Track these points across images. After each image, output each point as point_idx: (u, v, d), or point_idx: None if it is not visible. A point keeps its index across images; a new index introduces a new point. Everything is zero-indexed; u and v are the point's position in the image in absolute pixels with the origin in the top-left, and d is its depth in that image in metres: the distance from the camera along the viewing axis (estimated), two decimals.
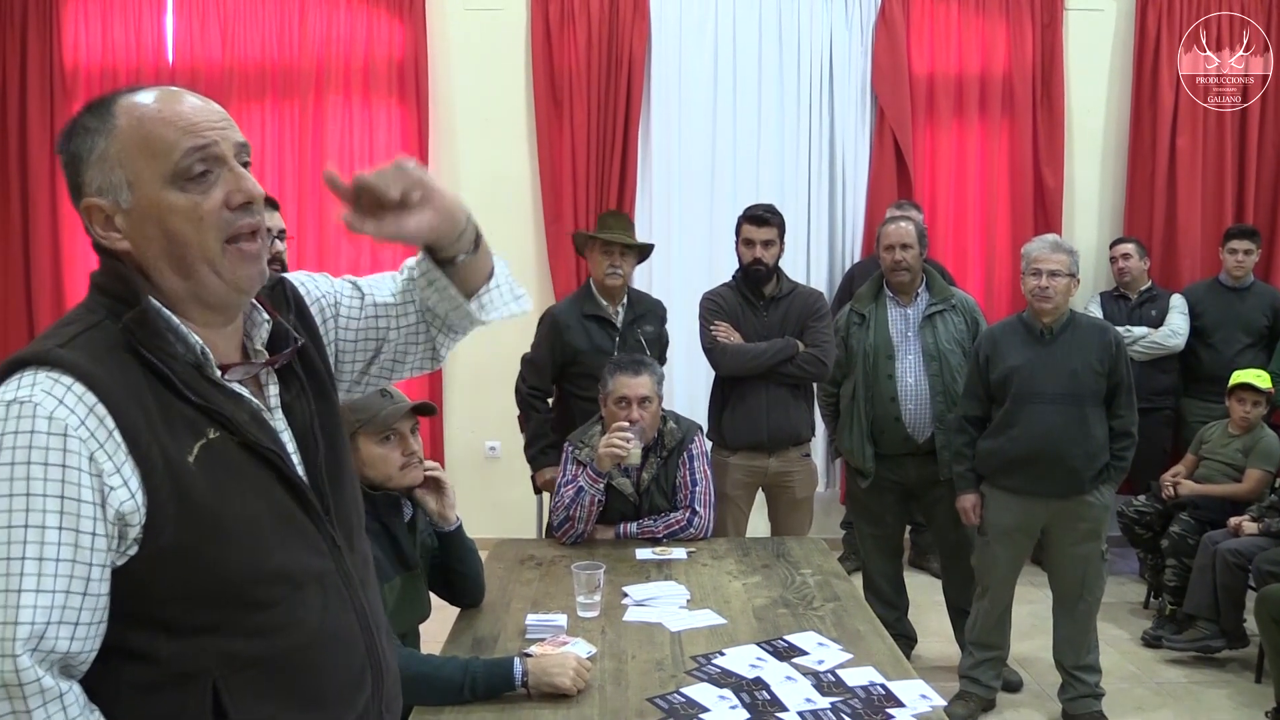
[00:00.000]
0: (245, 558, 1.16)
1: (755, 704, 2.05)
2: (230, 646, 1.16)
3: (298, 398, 1.30)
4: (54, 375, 1.09)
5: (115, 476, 1.08)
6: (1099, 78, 5.55)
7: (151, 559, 1.11)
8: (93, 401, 1.08)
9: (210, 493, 1.13)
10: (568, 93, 5.30)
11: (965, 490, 3.57)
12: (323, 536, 1.26)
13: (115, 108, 1.18)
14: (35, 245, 5.41)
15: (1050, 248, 3.43)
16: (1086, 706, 3.52)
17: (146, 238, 1.18)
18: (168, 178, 1.16)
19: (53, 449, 1.06)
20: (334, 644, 1.25)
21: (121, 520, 1.09)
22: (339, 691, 1.25)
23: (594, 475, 3.10)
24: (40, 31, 5.36)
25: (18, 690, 1.04)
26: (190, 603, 1.14)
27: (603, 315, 3.78)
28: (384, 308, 1.46)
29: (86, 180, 1.18)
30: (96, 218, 1.18)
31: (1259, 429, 4.37)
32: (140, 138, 1.16)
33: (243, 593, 1.16)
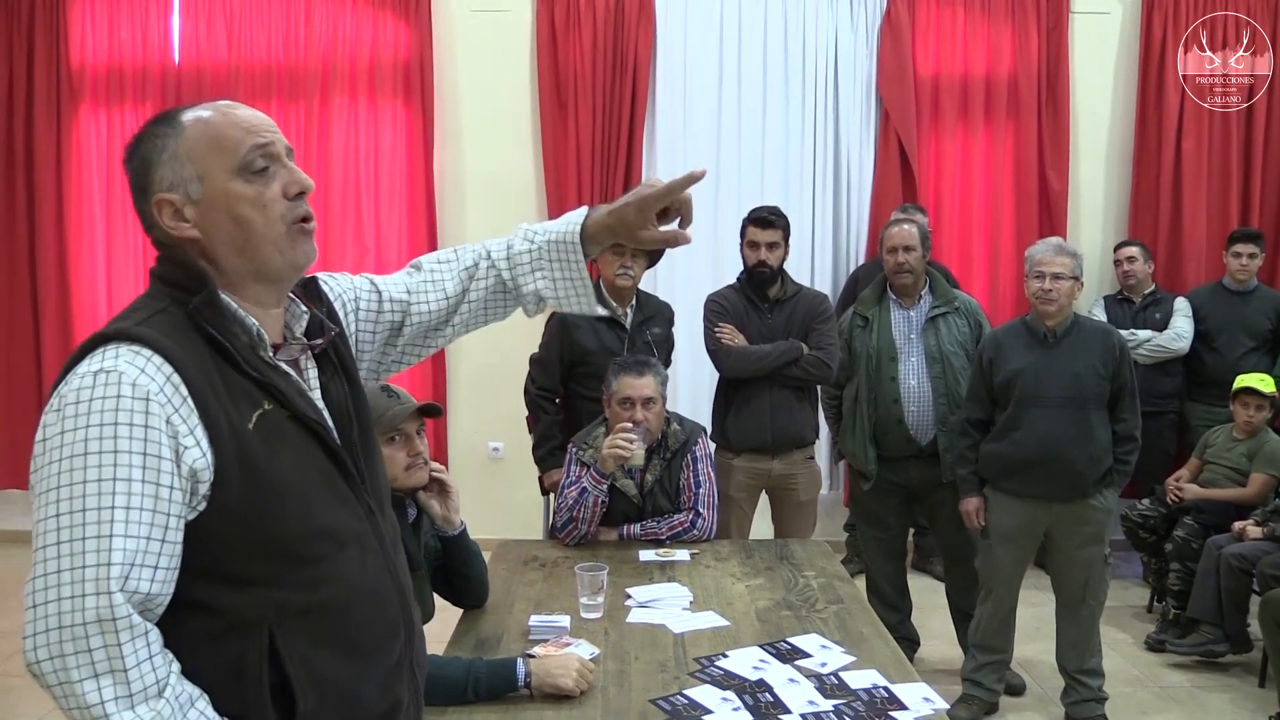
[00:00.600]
0: (296, 516, 1.30)
1: (758, 706, 2.06)
2: (283, 598, 1.28)
3: (333, 380, 1.45)
4: (135, 349, 1.23)
5: (189, 437, 1.22)
6: (1104, 81, 5.54)
7: (217, 515, 1.24)
8: (169, 371, 1.22)
9: (267, 456, 1.27)
10: (573, 94, 5.31)
11: (968, 493, 3.57)
12: (359, 502, 1.39)
13: (182, 116, 1.34)
14: (40, 243, 5.43)
15: (1054, 251, 3.43)
16: (1089, 710, 3.51)
17: (215, 224, 1.32)
18: (234, 170, 1.32)
19: (136, 412, 1.19)
20: (372, 599, 1.38)
21: (194, 477, 1.22)
22: (376, 642, 1.38)
23: (597, 476, 3.11)
24: (47, 31, 5.39)
25: (110, 625, 1.15)
26: (249, 557, 1.26)
27: (612, 317, 3.78)
28: (398, 301, 1.62)
29: (156, 179, 1.32)
30: (166, 211, 1.32)
31: (1263, 433, 4.36)
32: (209, 137, 1.32)
33: (294, 548, 1.29)
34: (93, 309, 5.50)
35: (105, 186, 5.50)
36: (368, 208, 5.41)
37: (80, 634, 1.16)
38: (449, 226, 5.49)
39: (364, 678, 1.36)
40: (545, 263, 1.58)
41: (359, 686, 1.35)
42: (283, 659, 1.27)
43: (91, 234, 5.50)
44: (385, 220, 5.44)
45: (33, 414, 5.47)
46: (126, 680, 1.17)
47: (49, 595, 1.16)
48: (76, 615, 1.15)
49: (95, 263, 5.51)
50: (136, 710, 1.17)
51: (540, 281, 1.59)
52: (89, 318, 5.50)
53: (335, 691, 1.32)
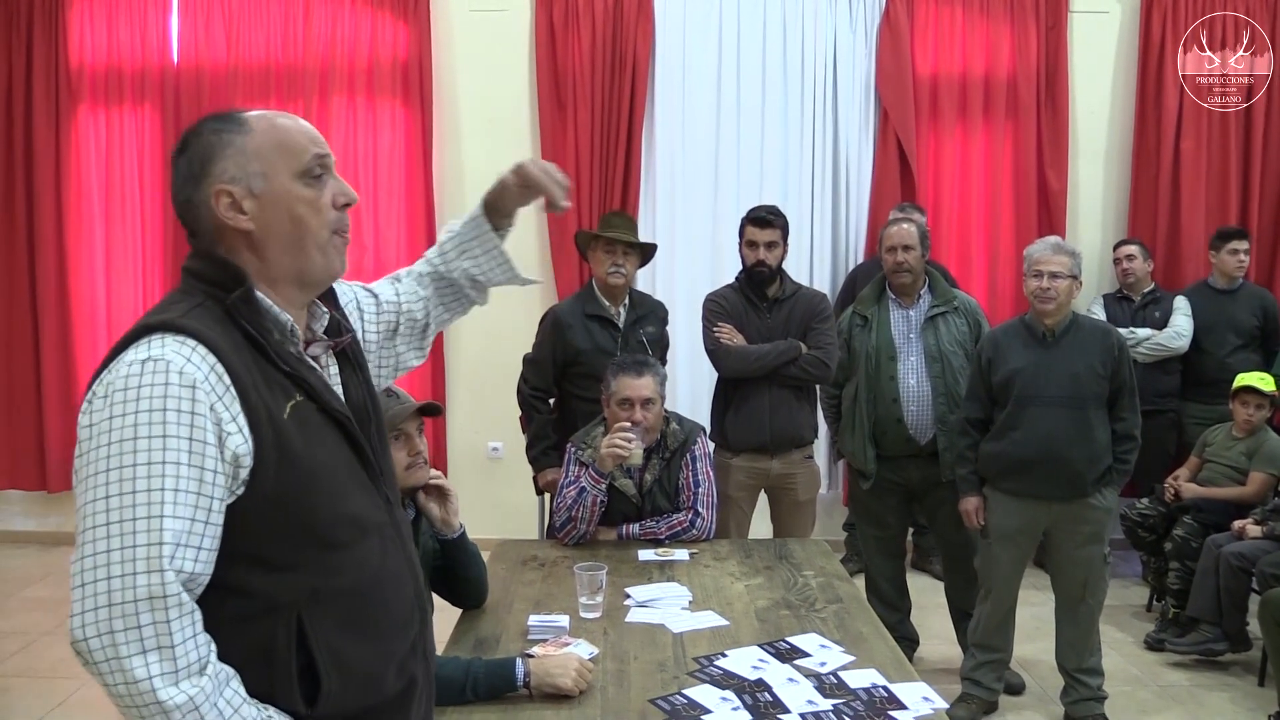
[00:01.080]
0: (327, 502, 1.36)
1: (757, 705, 2.06)
2: (312, 582, 1.34)
3: (351, 377, 1.54)
4: (180, 339, 1.29)
5: (231, 424, 1.28)
6: (1103, 80, 5.54)
7: (255, 499, 1.30)
8: (213, 361, 1.28)
9: (300, 444, 1.34)
10: (571, 94, 5.31)
11: (968, 493, 3.57)
12: (379, 493, 1.47)
13: (246, 116, 1.42)
14: (40, 243, 5.43)
15: (1052, 249, 3.43)
16: (1089, 709, 3.52)
17: (273, 220, 1.39)
18: (297, 174, 1.41)
19: (184, 399, 1.25)
20: (391, 584, 1.45)
21: (236, 461, 1.28)
22: (394, 626, 1.45)
23: (596, 476, 3.11)
24: (46, 31, 5.39)
25: (161, 602, 1.20)
26: (282, 541, 1.32)
27: (605, 315, 3.78)
28: (391, 304, 1.76)
29: (217, 170, 1.38)
30: (223, 200, 1.38)
31: (1263, 432, 4.36)
32: (276, 139, 1.41)
33: (323, 533, 1.36)
34: (92, 309, 5.50)
35: (104, 186, 5.50)
36: (366, 208, 5.41)
37: (130, 611, 1.20)
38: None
39: (383, 660, 1.42)
40: (465, 243, 1.78)
41: (378, 668, 1.41)
42: (310, 642, 1.32)
43: (90, 234, 5.50)
44: (384, 220, 5.44)
45: (32, 414, 5.48)
46: (173, 656, 1.21)
47: (98, 574, 1.20)
48: (128, 593, 1.20)
49: (94, 263, 5.51)
50: (180, 686, 1.22)
51: (467, 261, 1.78)
52: (88, 318, 5.50)
53: (356, 673, 1.38)
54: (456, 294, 1.82)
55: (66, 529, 5.68)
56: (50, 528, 5.69)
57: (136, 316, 4.37)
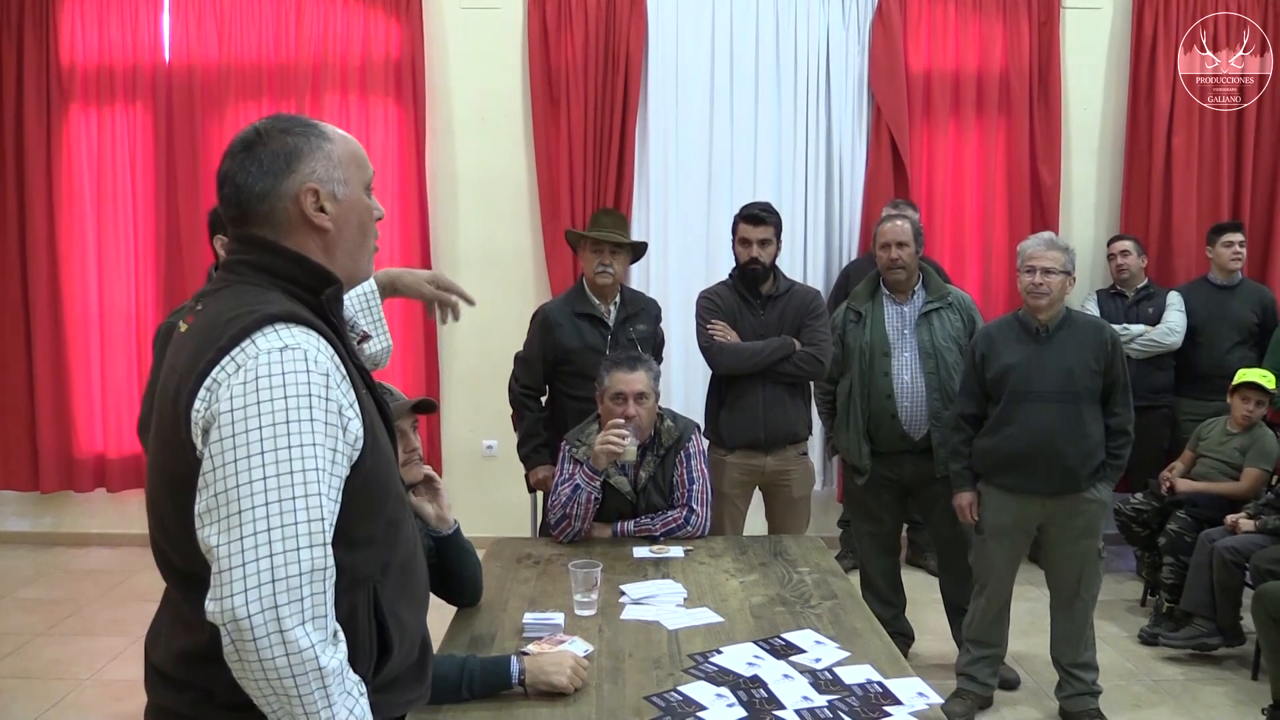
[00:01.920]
0: (392, 484, 1.51)
1: (752, 702, 2.06)
2: (381, 556, 1.48)
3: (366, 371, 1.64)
4: (304, 330, 1.39)
5: (350, 410, 1.40)
6: (1095, 76, 5.55)
7: (356, 481, 1.41)
8: (330, 352, 1.40)
9: (377, 429, 1.47)
10: (564, 91, 5.30)
11: (962, 488, 3.57)
12: (402, 482, 1.61)
13: (321, 128, 1.52)
14: (31, 242, 5.41)
15: (1045, 245, 3.44)
16: (1084, 704, 3.52)
17: (347, 225, 1.52)
18: (365, 186, 1.55)
19: (320, 384, 1.35)
20: (419, 559, 1.62)
21: (354, 444, 1.40)
22: (424, 596, 1.65)
23: (590, 473, 3.10)
24: (37, 30, 5.36)
25: (320, 575, 1.31)
26: (366, 519, 1.44)
27: (594, 314, 3.77)
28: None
29: (307, 170, 1.47)
30: (309, 198, 1.47)
31: (1257, 428, 4.37)
32: (351, 153, 1.53)
33: (388, 512, 1.49)
34: (84, 309, 5.48)
35: (96, 186, 5.48)
36: None
37: (295, 584, 1.28)
38: (441, 224, 5.48)
39: (420, 626, 1.61)
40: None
41: (417, 634, 1.58)
42: (383, 611, 1.46)
43: (82, 233, 5.48)
44: None
45: (24, 415, 5.46)
46: (326, 624, 1.31)
47: (260, 552, 1.27)
48: (291, 568, 1.28)
49: (86, 262, 5.49)
50: (330, 652, 1.32)
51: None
52: (80, 318, 5.48)
53: (408, 637, 1.54)
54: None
55: (60, 530, 5.67)
56: (44, 528, 5.68)
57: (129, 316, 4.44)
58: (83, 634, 4.39)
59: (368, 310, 1.98)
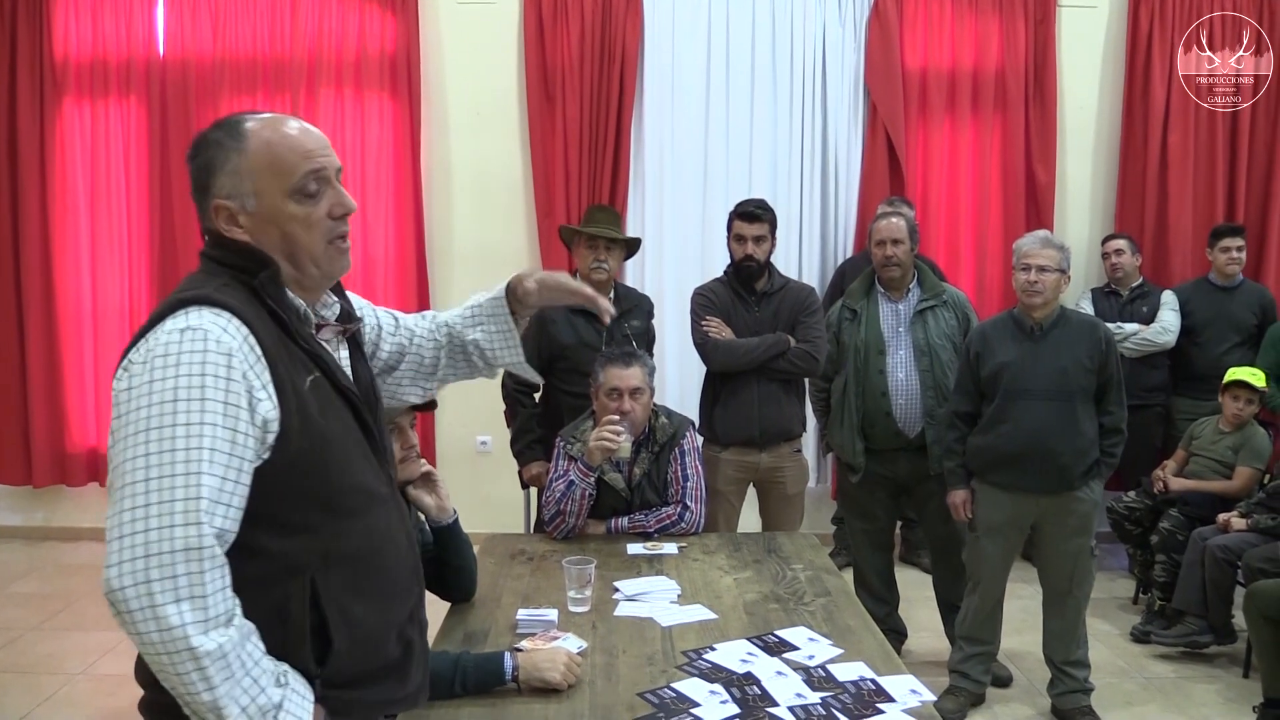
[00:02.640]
0: (341, 470, 1.48)
1: (746, 699, 2.06)
2: (325, 545, 1.45)
3: (360, 363, 1.67)
4: (216, 310, 1.39)
5: (262, 391, 1.38)
6: (1091, 74, 5.56)
7: (279, 463, 1.40)
8: (245, 332, 1.39)
9: (319, 416, 1.45)
10: (560, 87, 5.29)
11: (956, 486, 3.58)
12: (383, 471, 1.60)
13: (246, 130, 1.48)
14: (25, 236, 5.39)
15: (1040, 243, 3.44)
16: (1076, 701, 3.53)
17: (266, 235, 1.49)
18: (288, 192, 1.48)
19: (220, 365, 1.34)
20: (392, 554, 1.57)
21: (264, 426, 1.38)
22: (396, 593, 1.57)
23: (585, 469, 3.10)
24: (30, 23, 5.34)
25: (196, 554, 1.29)
26: (300, 505, 1.43)
27: (589, 310, 3.76)
28: (406, 330, 1.88)
29: (217, 185, 1.48)
30: (222, 214, 1.48)
31: (1249, 426, 4.38)
32: (269, 158, 1.47)
33: (337, 500, 1.47)
34: (77, 303, 5.47)
35: (89, 179, 5.46)
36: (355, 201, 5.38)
37: (168, 561, 1.27)
38: (436, 219, 5.47)
39: (386, 624, 1.54)
40: (480, 316, 1.89)
41: (381, 632, 1.53)
42: (322, 603, 1.43)
43: (76, 227, 5.46)
44: (372, 213, 5.41)
45: (17, 409, 5.45)
46: (205, 606, 1.29)
47: (136, 526, 1.28)
48: (165, 544, 1.27)
49: (79, 256, 5.47)
50: (210, 635, 1.29)
51: (479, 333, 1.88)
52: (74, 311, 5.46)
53: (363, 635, 1.49)
54: (466, 358, 1.92)
55: (52, 524, 5.66)
56: (36, 523, 5.67)
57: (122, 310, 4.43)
58: (75, 629, 4.38)
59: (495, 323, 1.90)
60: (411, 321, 1.90)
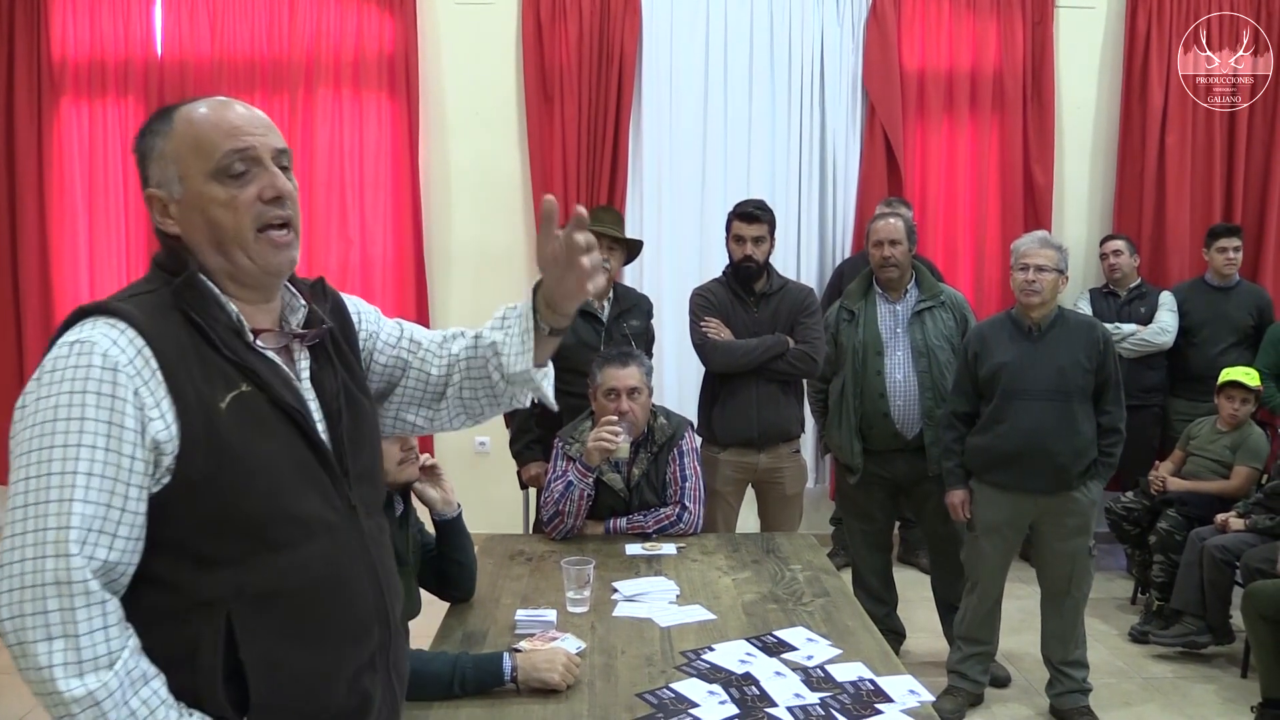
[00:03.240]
0: (263, 497, 1.31)
1: (744, 699, 2.06)
2: (244, 580, 1.29)
3: (326, 373, 1.47)
4: (110, 321, 1.28)
5: (155, 410, 1.25)
6: (1089, 75, 5.56)
7: (182, 488, 1.27)
8: (141, 345, 1.26)
9: (237, 435, 1.29)
10: (558, 88, 5.29)
11: (954, 486, 3.58)
12: (339, 494, 1.40)
13: (175, 114, 1.39)
14: (22, 237, 5.37)
15: (1038, 243, 3.45)
16: (1074, 701, 3.53)
17: (192, 224, 1.37)
18: (210, 173, 1.35)
19: (105, 381, 1.23)
20: (340, 592, 1.38)
21: (157, 449, 1.25)
22: (344, 636, 1.38)
23: (583, 470, 3.10)
24: (27, 24, 5.33)
25: (67, 588, 1.18)
26: (211, 534, 1.28)
27: (588, 310, 3.77)
28: (415, 344, 1.65)
29: (150, 175, 1.39)
30: (156, 206, 1.39)
31: (1246, 426, 4.39)
32: (191, 139, 1.36)
33: (258, 530, 1.31)
34: (75, 303, 5.38)
35: (87, 180, 5.46)
36: (353, 201, 5.38)
37: (39, 595, 1.17)
38: (434, 220, 5.47)
39: (329, 671, 1.36)
40: (512, 319, 1.61)
41: (322, 679, 1.35)
42: (239, 645, 1.27)
43: (74, 228, 5.45)
44: (370, 214, 5.41)
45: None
46: (78, 646, 1.18)
47: (14, 555, 1.19)
48: (37, 575, 1.18)
49: (77, 257, 5.46)
50: (84, 679, 1.18)
51: (500, 334, 1.60)
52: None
53: (295, 683, 1.32)
54: (485, 373, 1.61)
55: None
56: None
57: None
58: None
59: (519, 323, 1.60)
60: (423, 335, 1.67)
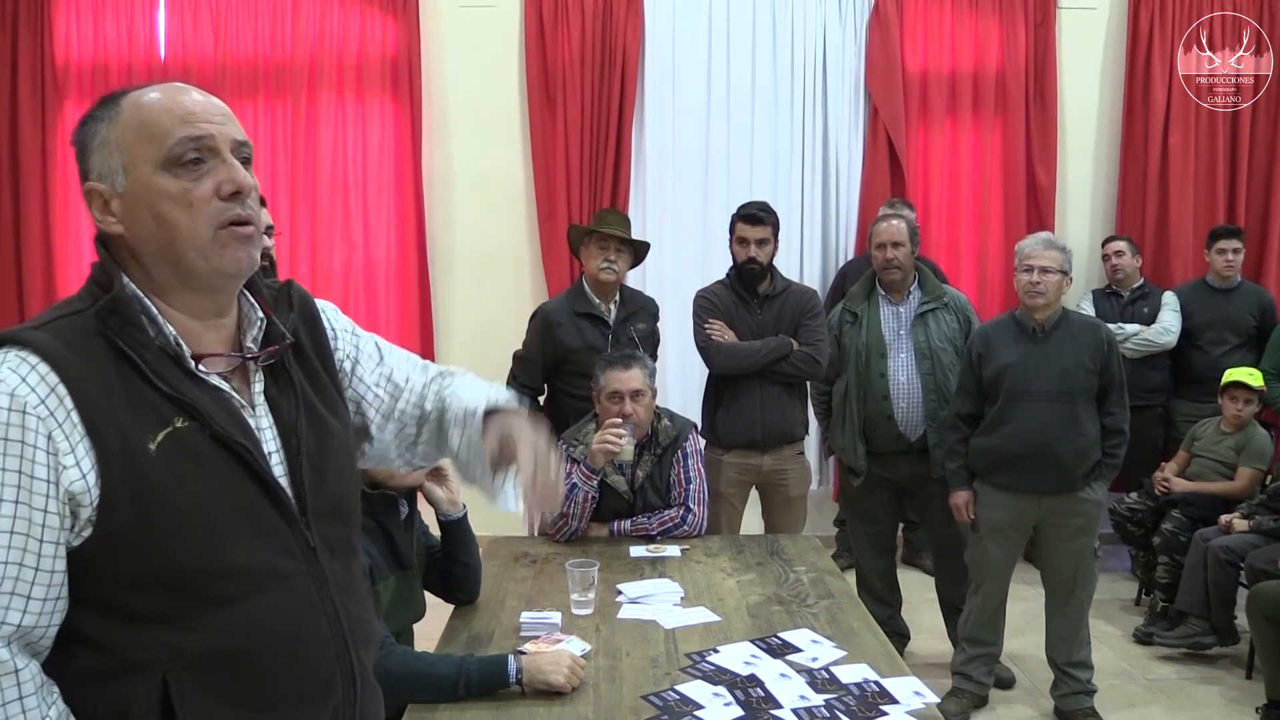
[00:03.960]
0: (200, 549, 1.15)
1: (749, 701, 2.06)
2: (181, 640, 1.15)
3: (285, 395, 1.30)
4: (22, 354, 1.11)
5: (69, 456, 1.10)
6: (1091, 76, 5.56)
7: (106, 541, 1.12)
8: (55, 381, 1.11)
9: (169, 480, 1.14)
10: (561, 89, 5.30)
11: (958, 487, 3.58)
12: (295, 537, 1.24)
13: (123, 100, 1.22)
14: (26, 242, 5.38)
15: (1042, 245, 3.45)
16: (1078, 703, 3.53)
17: (138, 221, 1.20)
18: (160, 162, 1.19)
19: (12, 425, 1.08)
20: (295, 648, 1.22)
21: (72, 499, 1.10)
22: (299, 698, 1.23)
23: (587, 472, 3.11)
24: (31, 28, 5.33)
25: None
26: (143, 590, 1.14)
27: (595, 313, 3.77)
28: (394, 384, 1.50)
29: (90, 166, 1.22)
30: (95, 202, 1.21)
31: (1250, 427, 4.38)
32: (138, 123, 1.20)
33: (195, 585, 1.16)
34: None
35: None
36: (356, 204, 5.39)
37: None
38: (438, 223, 5.47)
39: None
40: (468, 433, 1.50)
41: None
42: (174, 709, 1.14)
43: (78, 233, 5.46)
44: (373, 217, 5.41)
45: None
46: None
47: None
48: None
49: (81, 262, 5.46)
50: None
51: (456, 436, 1.50)
52: None
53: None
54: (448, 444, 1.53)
55: None
56: None
57: None
58: None
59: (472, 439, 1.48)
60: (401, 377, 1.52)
